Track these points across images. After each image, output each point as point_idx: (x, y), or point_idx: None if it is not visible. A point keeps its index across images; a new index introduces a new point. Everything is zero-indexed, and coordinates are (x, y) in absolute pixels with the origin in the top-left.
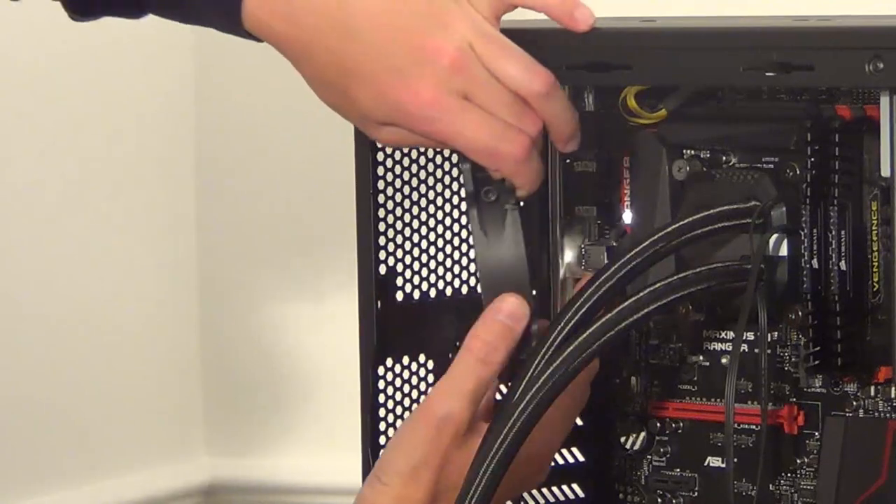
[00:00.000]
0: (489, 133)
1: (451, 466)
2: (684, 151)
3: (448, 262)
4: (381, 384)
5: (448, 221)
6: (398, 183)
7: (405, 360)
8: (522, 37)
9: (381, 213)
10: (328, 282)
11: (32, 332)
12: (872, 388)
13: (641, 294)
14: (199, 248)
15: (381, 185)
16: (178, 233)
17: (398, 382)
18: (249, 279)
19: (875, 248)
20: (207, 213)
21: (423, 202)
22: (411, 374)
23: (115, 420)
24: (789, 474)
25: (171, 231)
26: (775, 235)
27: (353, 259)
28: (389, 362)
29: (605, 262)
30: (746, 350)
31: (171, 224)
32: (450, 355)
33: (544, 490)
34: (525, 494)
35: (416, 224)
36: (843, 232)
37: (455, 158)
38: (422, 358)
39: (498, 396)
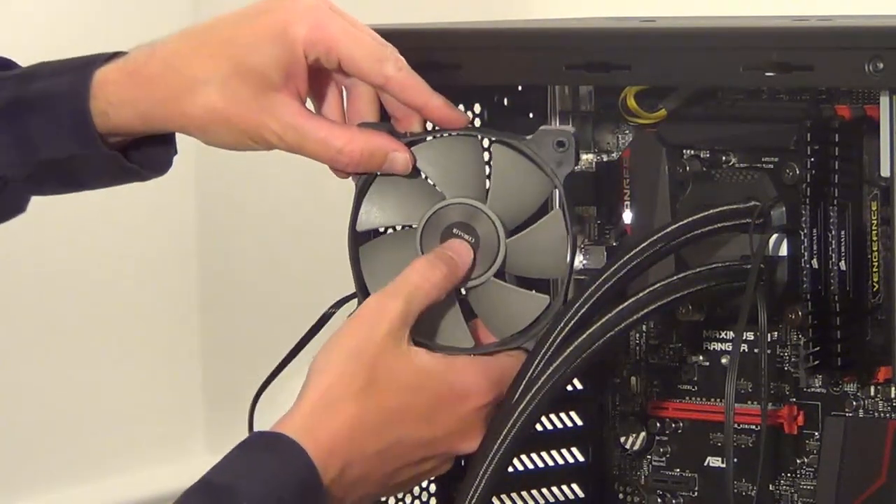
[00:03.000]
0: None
1: (382, 362)
2: (684, 151)
3: None
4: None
5: None
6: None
7: None
8: (522, 36)
9: None
10: (328, 282)
11: (32, 332)
12: (872, 388)
13: (641, 294)
14: (199, 249)
15: None
16: (178, 233)
17: None
18: (249, 279)
19: (875, 248)
20: (207, 213)
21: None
22: None
23: (115, 420)
24: (789, 474)
25: (171, 231)
26: (775, 235)
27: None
28: None
29: (605, 262)
30: (746, 350)
31: (172, 224)
32: None
33: (544, 490)
34: (525, 494)
35: None
36: (843, 232)
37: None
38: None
39: None
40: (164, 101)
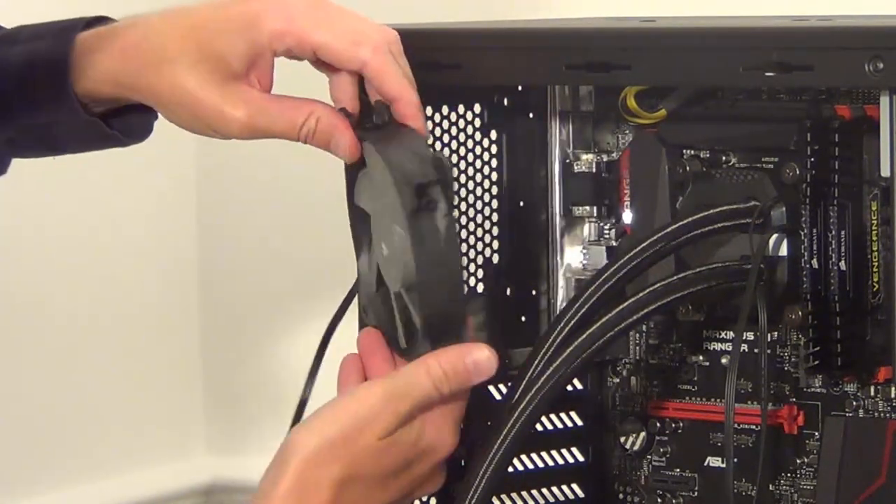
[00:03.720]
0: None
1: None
2: (684, 151)
3: None
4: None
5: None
6: None
7: None
8: (522, 36)
9: None
10: (328, 282)
11: (33, 332)
12: (872, 388)
13: (641, 294)
14: (199, 249)
15: None
16: (179, 233)
17: None
18: (249, 280)
19: (875, 248)
20: (208, 214)
21: None
22: None
23: (116, 420)
24: (789, 474)
25: (171, 231)
26: (775, 235)
27: (352, 259)
28: None
29: (605, 262)
30: (746, 350)
31: (172, 224)
32: None
33: (544, 490)
34: (525, 494)
35: None
36: (843, 232)
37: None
38: None
39: None
40: (135, 71)
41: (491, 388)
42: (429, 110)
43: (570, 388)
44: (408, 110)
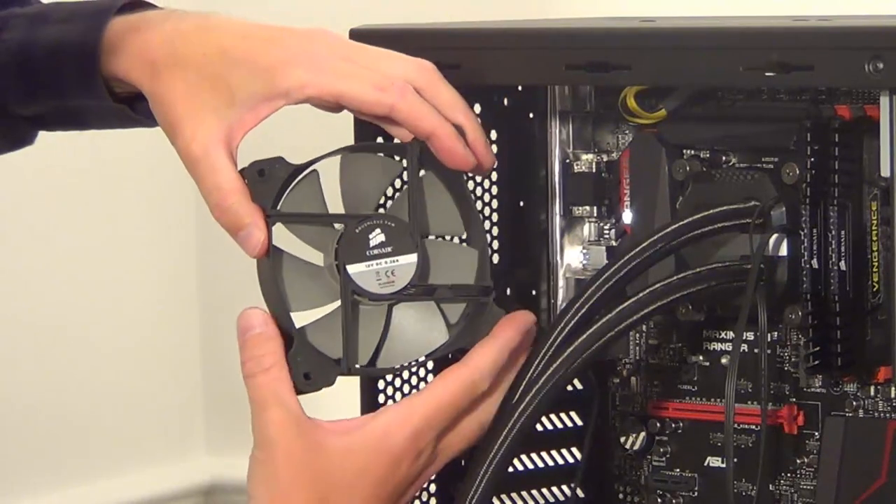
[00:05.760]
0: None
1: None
2: (684, 151)
3: None
4: (381, 384)
5: None
6: (397, 183)
7: None
8: (522, 36)
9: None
10: None
11: (33, 332)
12: (872, 388)
13: (641, 294)
14: (199, 249)
15: None
16: (179, 234)
17: (398, 382)
18: (249, 280)
19: (875, 248)
20: (207, 214)
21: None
22: (411, 374)
23: (116, 420)
24: (789, 474)
25: (171, 232)
26: (775, 235)
27: None
28: None
29: (605, 262)
30: (746, 350)
31: (172, 225)
32: (449, 356)
33: (544, 490)
34: (525, 494)
35: None
36: (843, 232)
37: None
38: (421, 357)
39: None
40: (148, 68)
41: None
42: None
43: (570, 388)
44: (447, 143)
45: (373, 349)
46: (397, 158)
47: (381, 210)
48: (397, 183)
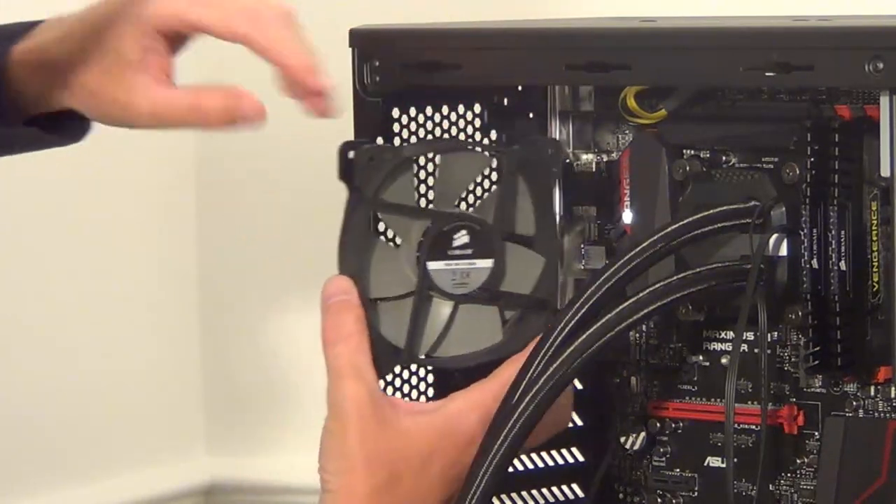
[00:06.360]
0: None
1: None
2: (684, 151)
3: None
4: (381, 384)
5: None
6: (486, 183)
7: None
8: (522, 36)
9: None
10: None
11: (33, 332)
12: (872, 388)
13: (641, 294)
14: (199, 249)
15: None
16: (178, 234)
17: (397, 382)
18: (249, 280)
19: (875, 248)
20: (207, 214)
21: (423, 203)
22: (411, 373)
23: (115, 420)
24: (789, 474)
25: (171, 232)
26: (775, 235)
27: None
28: None
29: (605, 262)
30: (746, 350)
31: (172, 225)
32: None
33: (544, 490)
34: (525, 494)
35: None
36: (843, 232)
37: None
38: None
39: None
40: (53, 80)
41: None
42: (429, 110)
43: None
44: (297, 75)
45: (432, 342)
46: (491, 159)
47: (464, 205)
48: (486, 183)
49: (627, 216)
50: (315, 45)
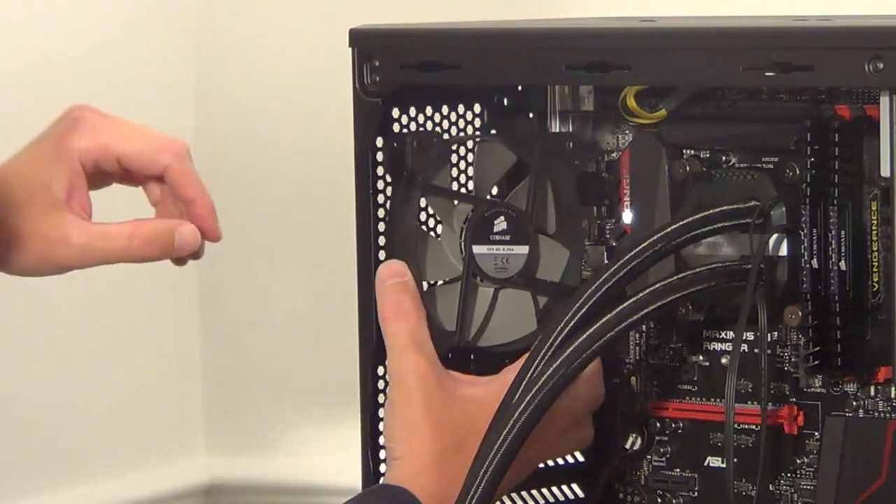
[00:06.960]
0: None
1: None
2: (684, 151)
3: None
4: (381, 384)
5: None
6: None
7: None
8: (522, 36)
9: (381, 213)
10: (328, 282)
11: (32, 332)
12: (872, 388)
13: (641, 294)
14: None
15: (380, 185)
16: None
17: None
18: (249, 279)
19: (875, 248)
20: None
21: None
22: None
23: (115, 420)
24: (789, 474)
25: None
26: (775, 235)
27: (352, 258)
28: None
29: (605, 262)
30: (746, 350)
31: None
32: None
33: (544, 490)
34: (525, 494)
35: None
36: (843, 232)
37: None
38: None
39: None
40: None
41: None
42: (429, 110)
43: None
44: (205, 212)
45: (478, 326)
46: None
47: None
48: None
49: (627, 216)
50: (315, 45)
